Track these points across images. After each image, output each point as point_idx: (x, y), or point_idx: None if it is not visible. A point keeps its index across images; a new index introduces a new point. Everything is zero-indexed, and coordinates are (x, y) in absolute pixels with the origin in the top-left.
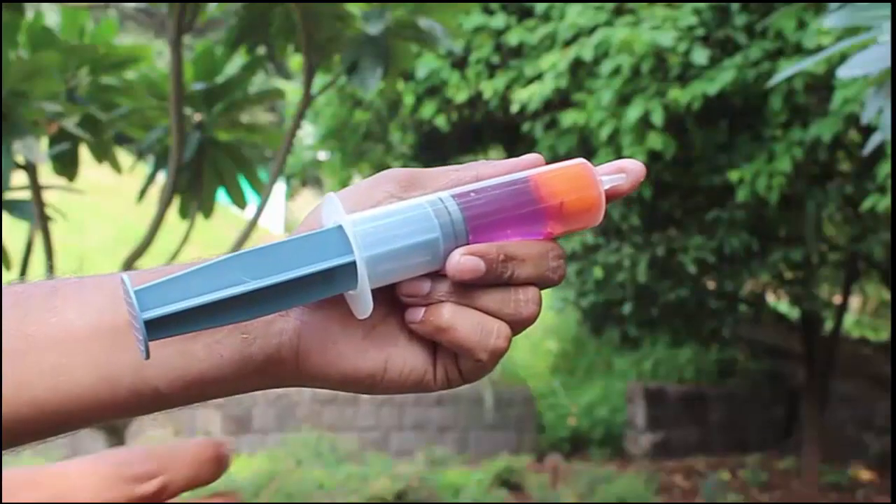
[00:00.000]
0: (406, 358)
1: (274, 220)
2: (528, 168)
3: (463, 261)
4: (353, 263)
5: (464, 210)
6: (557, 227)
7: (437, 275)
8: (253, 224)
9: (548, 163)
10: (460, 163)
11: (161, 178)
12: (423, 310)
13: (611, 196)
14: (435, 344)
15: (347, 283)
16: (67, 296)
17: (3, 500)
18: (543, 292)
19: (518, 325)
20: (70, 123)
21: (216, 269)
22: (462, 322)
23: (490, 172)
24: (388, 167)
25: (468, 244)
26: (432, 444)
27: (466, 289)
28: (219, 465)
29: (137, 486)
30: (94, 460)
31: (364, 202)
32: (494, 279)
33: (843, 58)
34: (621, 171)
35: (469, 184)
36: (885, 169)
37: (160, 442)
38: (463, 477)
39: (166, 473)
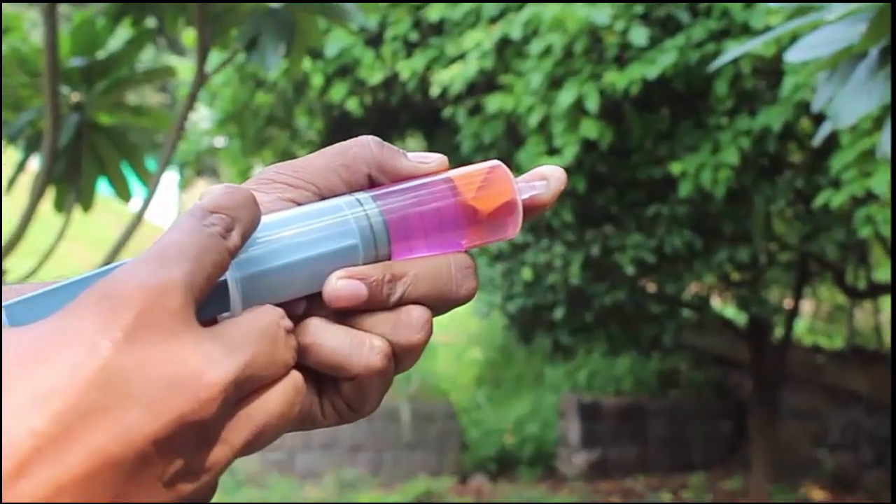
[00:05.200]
0: None
1: (164, 215)
2: (438, 168)
3: (340, 286)
4: (226, 283)
5: (385, 213)
6: (474, 237)
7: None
8: (139, 219)
9: (472, 153)
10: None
11: (34, 165)
12: None
13: (530, 207)
14: (318, 375)
15: (219, 305)
16: None
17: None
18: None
19: (398, 349)
20: None
21: (90, 282)
22: (327, 337)
23: (391, 167)
24: (295, 156)
25: (390, 254)
26: (343, 466)
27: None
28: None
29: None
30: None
31: None
32: (380, 304)
33: (793, 39)
34: (542, 179)
35: (360, 178)
36: (837, 161)
37: None
38: (377, 501)
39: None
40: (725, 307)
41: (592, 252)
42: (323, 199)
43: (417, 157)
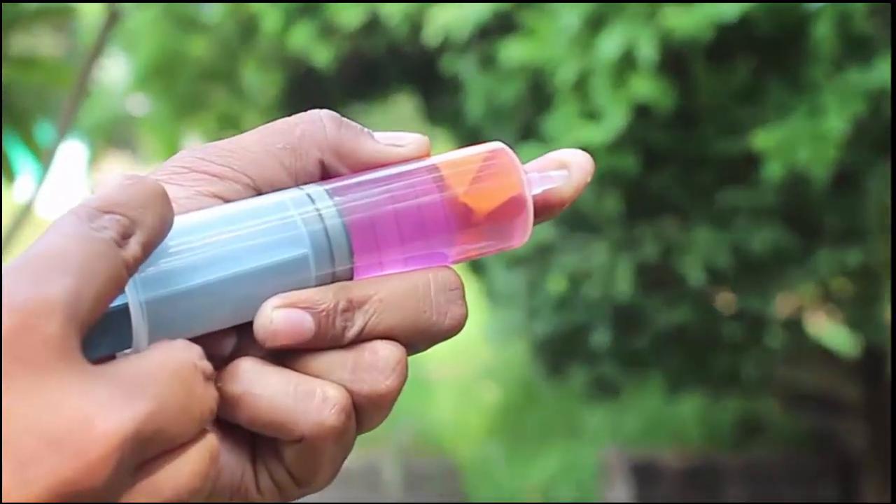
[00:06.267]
0: None
1: (65, 201)
2: (416, 153)
3: (278, 318)
4: (127, 309)
5: (344, 213)
6: (466, 246)
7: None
8: (29, 207)
9: (482, 120)
10: (349, 119)
11: None
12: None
13: (544, 205)
14: (254, 435)
15: (117, 338)
16: None
17: None
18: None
19: (360, 400)
20: None
21: None
22: (263, 384)
23: (352, 152)
24: (240, 123)
25: (353, 269)
26: None
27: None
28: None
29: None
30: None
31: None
32: (334, 340)
33: None
34: (561, 167)
35: (310, 166)
36: None
37: None
38: None
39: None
40: (829, 331)
41: (647, 254)
42: (260, 193)
43: (388, 137)
